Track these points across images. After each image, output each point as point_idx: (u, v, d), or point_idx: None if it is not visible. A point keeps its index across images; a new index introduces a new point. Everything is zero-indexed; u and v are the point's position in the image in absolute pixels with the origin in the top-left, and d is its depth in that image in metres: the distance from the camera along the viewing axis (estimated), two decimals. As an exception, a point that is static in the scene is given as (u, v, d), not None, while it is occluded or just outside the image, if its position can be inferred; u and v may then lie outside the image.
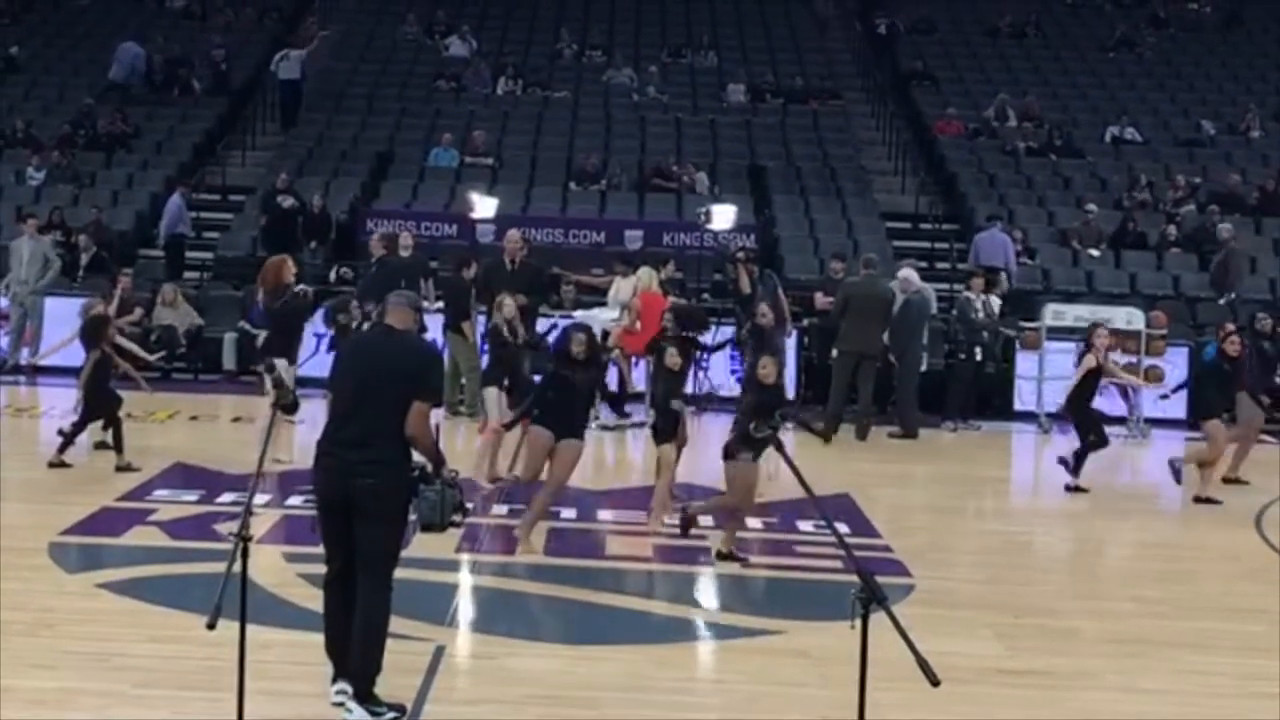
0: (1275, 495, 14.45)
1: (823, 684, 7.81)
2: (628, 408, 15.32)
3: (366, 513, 6.86)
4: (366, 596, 6.92)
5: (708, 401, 16.78)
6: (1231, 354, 14.20)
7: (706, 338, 14.19)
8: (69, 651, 7.85)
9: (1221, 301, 21.11)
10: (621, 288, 18.17)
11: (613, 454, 15.88)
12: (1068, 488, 14.13)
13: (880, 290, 17.88)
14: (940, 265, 23.36)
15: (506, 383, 13.47)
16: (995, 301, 19.56)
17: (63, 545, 10.28)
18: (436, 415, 7.70)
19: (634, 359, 17.56)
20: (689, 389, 13.82)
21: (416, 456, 7.00)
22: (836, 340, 17.59)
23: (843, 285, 18.13)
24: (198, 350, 20.40)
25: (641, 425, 11.96)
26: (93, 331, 13.48)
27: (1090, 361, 14.32)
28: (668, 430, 11.77)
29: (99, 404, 13.24)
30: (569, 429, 10.63)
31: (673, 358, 12.07)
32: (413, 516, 6.99)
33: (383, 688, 6.92)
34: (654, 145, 27.40)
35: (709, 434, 14.64)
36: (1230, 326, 16.78)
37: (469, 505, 7.21)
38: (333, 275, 21.24)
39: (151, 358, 15.11)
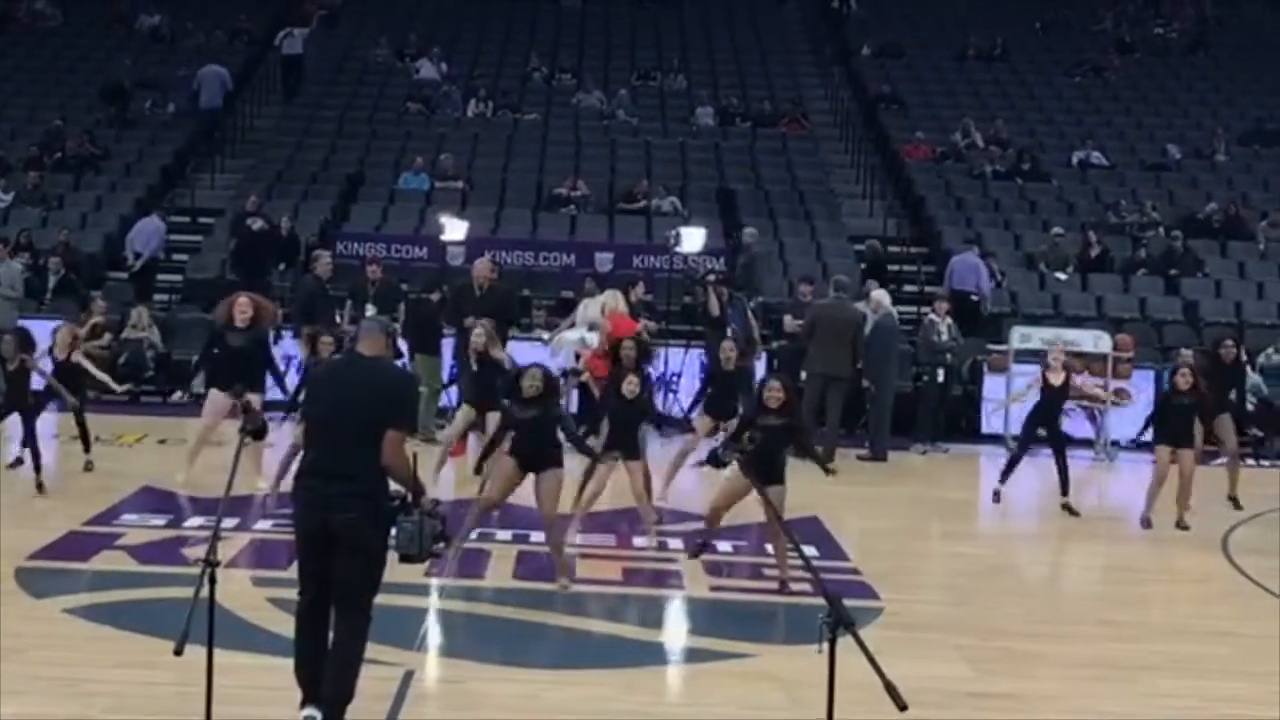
0: (1242, 518, 14.57)
1: (792, 708, 7.81)
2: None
3: (346, 546, 6.79)
4: (346, 628, 6.85)
5: (670, 425, 16.69)
6: (1181, 388, 13.99)
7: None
8: (36, 677, 7.80)
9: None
10: (589, 307, 18.16)
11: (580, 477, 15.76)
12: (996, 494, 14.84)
13: (848, 313, 17.90)
14: (908, 288, 23.44)
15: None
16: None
17: (29, 570, 10.19)
18: (413, 443, 7.65)
19: (605, 382, 17.49)
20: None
21: (396, 486, 6.91)
22: (805, 363, 17.62)
23: (810, 308, 18.15)
24: (165, 373, 20.33)
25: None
26: None
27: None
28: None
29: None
30: (540, 461, 10.29)
31: (630, 385, 12.08)
32: (391, 546, 6.90)
33: (351, 712, 6.88)
34: (624, 168, 27.43)
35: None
36: (1185, 355, 16.86)
37: (450, 535, 7.15)
38: None
39: (119, 389, 15.01)
